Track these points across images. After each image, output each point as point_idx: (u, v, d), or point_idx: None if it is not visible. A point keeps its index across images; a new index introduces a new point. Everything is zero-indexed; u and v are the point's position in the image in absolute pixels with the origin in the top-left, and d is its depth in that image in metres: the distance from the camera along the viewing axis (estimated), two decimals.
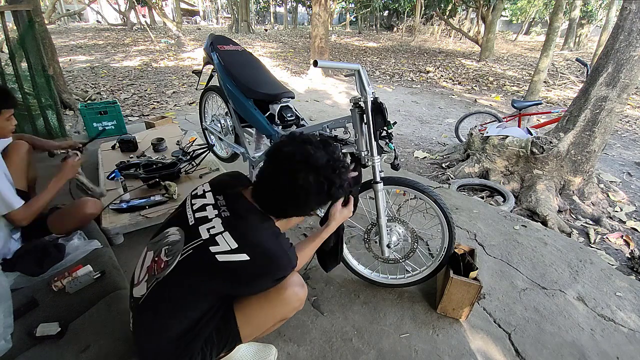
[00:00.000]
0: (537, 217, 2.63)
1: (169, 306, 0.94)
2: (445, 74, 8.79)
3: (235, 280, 0.94)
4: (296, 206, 0.96)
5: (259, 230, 0.94)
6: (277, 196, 0.94)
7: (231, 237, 0.91)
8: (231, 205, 0.97)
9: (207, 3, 30.05)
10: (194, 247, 0.92)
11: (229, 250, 0.89)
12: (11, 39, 2.77)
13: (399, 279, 1.61)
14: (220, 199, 0.99)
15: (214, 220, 0.94)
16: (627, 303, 1.70)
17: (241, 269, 0.90)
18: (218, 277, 0.92)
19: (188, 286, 0.93)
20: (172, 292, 0.94)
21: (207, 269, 0.92)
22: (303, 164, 0.89)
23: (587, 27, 15.42)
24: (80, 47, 10.80)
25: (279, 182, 0.92)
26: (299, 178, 0.89)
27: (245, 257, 0.89)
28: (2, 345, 1.19)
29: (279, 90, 1.88)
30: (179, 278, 0.93)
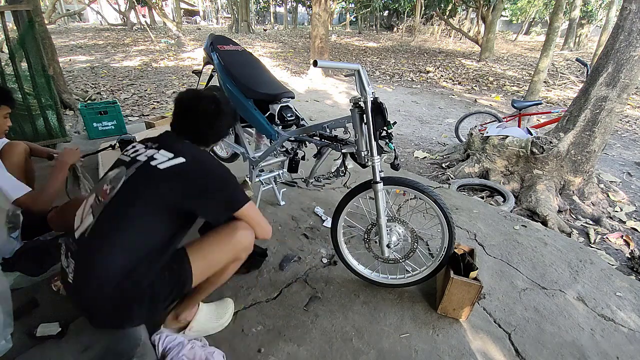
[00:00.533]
0: (537, 217, 2.63)
1: (119, 225, 1.00)
2: (445, 74, 8.79)
3: (182, 185, 1.04)
4: (216, 129, 1.23)
5: (187, 146, 1.14)
6: (202, 126, 1.19)
7: (166, 151, 1.09)
8: (159, 140, 1.16)
9: (207, 3, 30.06)
10: (137, 168, 1.06)
11: (167, 158, 1.06)
12: (11, 39, 2.77)
13: (399, 279, 1.61)
14: (148, 143, 1.16)
15: (148, 152, 1.11)
16: (627, 303, 1.70)
17: (182, 172, 1.05)
18: (165, 184, 1.03)
19: (137, 202, 1.01)
20: (124, 210, 1.01)
21: (152, 180, 1.03)
22: (210, 100, 1.20)
23: (587, 27, 15.41)
24: (80, 47, 10.80)
25: (201, 116, 1.18)
26: (209, 108, 1.19)
27: (181, 159, 1.06)
28: (2, 345, 1.19)
29: (278, 90, 1.88)
30: (128, 196, 1.02)
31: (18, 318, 1.28)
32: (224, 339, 1.35)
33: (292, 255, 1.84)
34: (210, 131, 1.23)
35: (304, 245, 1.94)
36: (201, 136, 1.22)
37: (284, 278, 1.70)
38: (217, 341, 1.32)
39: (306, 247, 1.93)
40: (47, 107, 3.10)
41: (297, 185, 2.14)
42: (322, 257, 1.85)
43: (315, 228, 2.11)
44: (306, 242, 1.98)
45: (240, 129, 2.10)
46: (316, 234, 2.05)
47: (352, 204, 1.55)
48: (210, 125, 1.22)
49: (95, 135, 3.38)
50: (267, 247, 1.89)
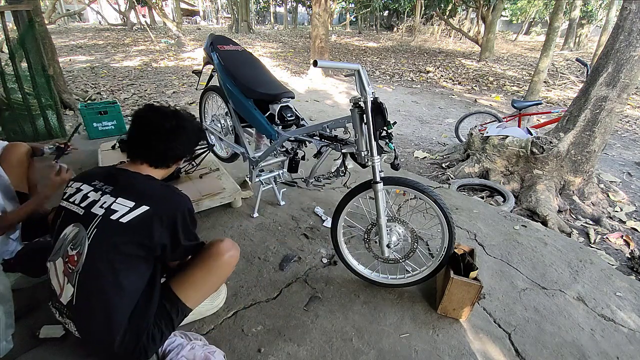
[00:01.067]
0: (537, 217, 2.63)
1: (103, 287, 0.98)
2: (445, 74, 8.79)
3: (151, 233, 0.99)
4: (172, 146, 1.15)
5: (147, 184, 1.08)
6: (155, 143, 1.11)
7: (125, 198, 1.01)
8: (111, 181, 1.07)
9: (207, 3, 30.05)
10: (96, 225, 0.99)
11: (128, 209, 0.99)
12: (11, 39, 2.77)
13: (399, 279, 1.61)
14: (96, 183, 1.07)
15: (102, 199, 1.02)
16: (627, 303, 1.70)
17: (148, 220, 0.99)
18: (132, 236, 0.98)
19: (111, 259, 0.98)
20: (99, 272, 0.98)
21: (118, 236, 0.98)
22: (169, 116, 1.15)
23: (587, 27, 15.41)
24: (80, 47, 10.80)
25: (155, 131, 1.11)
26: (166, 124, 1.12)
27: (144, 208, 1.00)
28: (4, 346, 1.19)
29: (278, 90, 1.88)
30: (99, 256, 0.97)
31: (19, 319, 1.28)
32: (224, 339, 1.35)
33: (292, 255, 1.84)
34: (168, 150, 1.14)
35: (304, 245, 1.94)
36: (157, 157, 1.14)
37: (284, 278, 1.70)
38: (217, 341, 1.32)
39: (306, 247, 1.93)
40: (47, 107, 3.10)
41: (297, 185, 2.14)
42: (322, 257, 1.85)
43: (315, 228, 2.11)
44: (306, 242, 1.98)
45: (240, 129, 2.10)
46: (316, 234, 2.05)
47: (352, 204, 1.55)
48: (166, 143, 1.13)
49: (95, 135, 3.38)
50: (267, 245, 1.89)
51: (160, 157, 1.15)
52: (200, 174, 2.34)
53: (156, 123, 1.12)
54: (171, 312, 1.09)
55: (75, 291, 0.99)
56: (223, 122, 2.25)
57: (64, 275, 1.01)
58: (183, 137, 1.17)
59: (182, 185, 2.19)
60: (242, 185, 2.37)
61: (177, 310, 1.11)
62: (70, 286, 0.99)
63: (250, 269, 1.75)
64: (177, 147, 1.16)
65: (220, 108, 2.38)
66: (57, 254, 1.03)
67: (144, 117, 1.14)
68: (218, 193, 2.11)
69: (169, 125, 1.13)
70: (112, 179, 1.07)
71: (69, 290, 1.00)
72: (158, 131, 1.11)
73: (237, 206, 2.26)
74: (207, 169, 2.41)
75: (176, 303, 1.11)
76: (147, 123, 1.13)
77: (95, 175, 1.10)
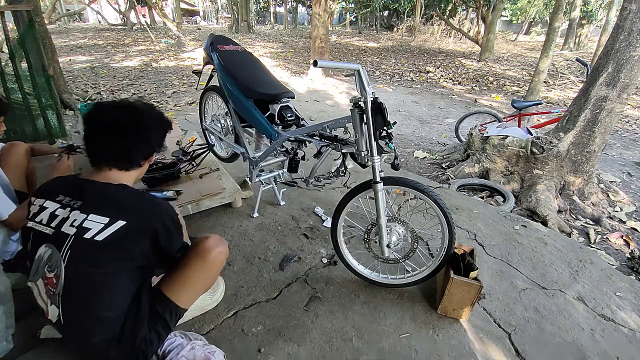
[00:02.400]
0: (537, 217, 2.63)
1: (87, 306, 0.95)
2: (445, 74, 8.79)
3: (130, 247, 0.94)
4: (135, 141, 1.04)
5: (120, 196, 0.98)
6: (115, 142, 1.01)
7: (97, 215, 0.93)
8: (78, 194, 0.98)
9: (207, 3, 30.05)
10: (70, 246, 0.92)
11: (103, 225, 0.92)
12: (11, 39, 2.77)
13: (399, 279, 1.61)
14: (62, 198, 0.98)
15: (71, 216, 0.94)
16: (627, 303, 1.70)
17: (126, 234, 0.93)
18: (111, 254, 0.93)
19: (91, 280, 0.94)
20: (80, 293, 0.95)
21: (96, 255, 0.92)
22: (122, 110, 1.04)
23: (587, 27, 15.42)
24: (80, 47, 10.80)
25: (111, 130, 1.01)
26: (120, 118, 1.02)
27: (120, 222, 0.92)
28: (4, 346, 1.19)
29: (279, 90, 1.88)
30: (77, 277, 0.93)
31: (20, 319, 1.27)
32: (224, 339, 1.36)
33: (292, 255, 1.84)
34: (131, 148, 1.03)
35: (304, 245, 1.94)
36: (122, 157, 1.04)
37: (284, 278, 1.70)
38: (217, 341, 1.32)
39: (306, 247, 1.93)
40: (47, 107, 3.10)
41: (297, 185, 2.14)
42: (322, 257, 1.85)
43: (315, 228, 2.11)
44: (306, 242, 1.98)
45: (240, 129, 2.10)
46: (316, 234, 2.05)
47: (352, 204, 1.55)
48: (127, 140, 1.02)
49: None
50: (267, 245, 1.89)
51: (126, 156, 1.04)
52: (200, 174, 2.34)
53: (110, 120, 1.01)
54: (164, 314, 1.07)
55: (60, 312, 0.96)
56: (223, 122, 2.25)
57: (47, 297, 0.98)
58: (143, 129, 1.05)
59: (182, 185, 2.19)
60: (242, 185, 2.37)
61: (170, 312, 1.08)
62: (55, 307, 0.97)
63: (250, 269, 1.75)
64: (140, 141, 1.05)
65: (220, 108, 2.38)
66: (37, 275, 0.99)
67: (95, 117, 1.02)
68: (218, 193, 2.11)
69: (124, 119, 1.02)
70: (79, 192, 0.98)
71: (54, 310, 0.97)
72: (114, 129, 1.01)
73: (237, 206, 2.26)
74: (207, 169, 2.41)
75: (168, 305, 1.07)
76: (99, 122, 1.02)
77: (57, 189, 1.01)
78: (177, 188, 2.11)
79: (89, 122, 1.03)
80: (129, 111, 1.04)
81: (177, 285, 1.09)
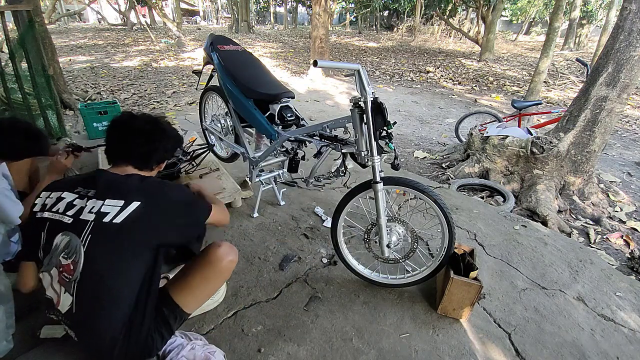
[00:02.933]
0: (537, 217, 2.63)
1: (102, 293, 0.97)
2: (445, 74, 8.79)
3: (147, 228, 0.99)
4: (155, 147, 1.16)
5: (129, 181, 1.05)
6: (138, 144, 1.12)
7: (113, 199, 0.98)
8: (90, 184, 1.04)
9: (207, 3, 30.04)
10: (90, 231, 0.96)
11: (119, 208, 0.97)
12: (11, 39, 2.77)
13: (399, 279, 1.61)
14: (79, 189, 1.04)
15: (88, 204, 0.99)
16: (627, 303, 1.70)
17: (143, 215, 0.98)
18: (129, 235, 0.97)
19: (111, 262, 0.97)
20: (99, 278, 0.97)
21: (116, 238, 0.96)
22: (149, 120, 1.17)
23: (587, 27, 15.42)
24: (80, 47, 10.80)
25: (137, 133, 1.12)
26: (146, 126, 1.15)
27: (135, 204, 0.98)
28: (4, 346, 1.19)
29: (279, 90, 1.88)
30: (98, 261, 0.96)
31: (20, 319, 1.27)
32: (224, 339, 1.36)
33: (292, 255, 1.84)
34: (151, 151, 1.16)
35: (304, 245, 1.94)
36: (141, 157, 1.15)
37: (284, 278, 1.70)
38: (217, 341, 1.32)
39: (306, 247, 1.93)
40: (47, 107, 3.10)
41: (297, 185, 2.13)
42: (322, 257, 1.85)
43: (315, 228, 2.11)
44: (306, 242, 1.98)
45: (240, 129, 2.10)
46: (316, 234, 2.05)
47: (352, 204, 1.55)
48: (149, 144, 1.15)
49: (95, 135, 3.38)
50: (267, 245, 1.89)
51: (146, 158, 1.16)
52: (200, 174, 2.34)
53: (138, 126, 1.15)
54: (169, 317, 1.09)
55: (74, 299, 0.97)
56: (223, 122, 2.25)
57: (59, 285, 0.99)
58: (164, 139, 1.19)
59: None
60: (242, 185, 2.38)
61: (176, 316, 1.11)
62: (69, 295, 0.98)
63: (250, 269, 1.75)
64: (160, 148, 1.18)
65: (220, 108, 2.38)
66: (50, 265, 1.00)
67: (127, 122, 1.16)
68: (218, 193, 2.11)
69: (150, 127, 1.16)
70: (91, 181, 1.05)
71: (67, 299, 0.98)
72: (140, 133, 1.14)
73: (237, 206, 2.26)
74: (207, 169, 2.41)
75: (174, 309, 1.11)
76: (128, 126, 1.14)
77: (74, 182, 1.08)
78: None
79: (120, 125, 1.15)
80: (154, 122, 1.18)
81: (185, 290, 1.13)
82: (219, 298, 1.51)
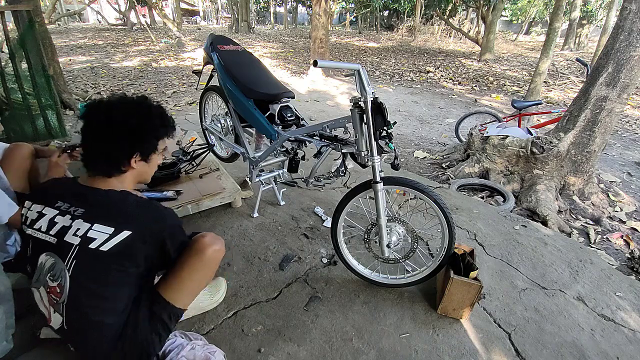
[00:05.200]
0: (537, 217, 2.63)
1: (91, 314, 0.95)
2: (445, 74, 8.79)
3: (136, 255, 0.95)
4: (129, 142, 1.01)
5: (122, 204, 0.97)
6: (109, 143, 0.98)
7: (102, 225, 0.93)
8: (80, 202, 0.97)
9: (207, 3, 30.04)
10: (75, 256, 0.91)
11: (108, 236, 0.91)
12: (11, 39, 2.77)
13: (399, 279, 1.61)
14: (61, 205, 0.97)
15: (74, 225, 0.93)
16: (627, 303, 1.70)
17: (133, 243, 0.93)
18: (117, 263, 0.93)
19: (96, 289, 0.95)
20: (85, 303, 0.95)
21: (102, 264, 0.93)
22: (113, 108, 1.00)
23: (587, 27, 15.43)
24: (80, 47, 10.80)
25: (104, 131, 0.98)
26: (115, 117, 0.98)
27: (126, 233, 0.92)
28: (4, 346, 1.19)
29: (279, 90, 1.87)
30: (83, 287, 0.94)
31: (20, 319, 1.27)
32: (224, 338, 1.36)
33: (292, 255, 1.84)
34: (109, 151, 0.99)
35: (304, 245, 1.94)
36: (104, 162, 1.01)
37: (284, 278, 1.70)
38: (217, 341, 1.32)
39: (306, 247, 1.93)
40: (47, 107, 3.09)
41: (297, 185, 2.14)
42: (322, 257, 1.85)
43: (315, 228, 2.11)
44: (306, 242, 1.98)
45: (240, 129, 2.10)
46: (316, 234, 2.05)
47: (352, 204, 1.55)
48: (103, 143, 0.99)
49: None
50: (267, 246, 1.89)
51: (106, 161, 1.01)
52: (200, 174, 2.34)
53: (89, 124, 1.01)
54: (163, 316, 1.07)
55: (64, 319, 0.97)
56: (223, 122, 2.25)
57: (49, 305, 0.99)
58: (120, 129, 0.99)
59: (182, 185, 2.19)
60: (242, 185, 2.37)
61: (169, 314, 1.08)
62: (58, 315, 0.97)
63: (250, 269, 1.75)
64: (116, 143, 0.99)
65: (220, 108, 2.38)
66: (39, 282, 0.99)
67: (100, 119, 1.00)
68: (218, 193, 2.11)
69: (135, 121, 1.00)
70: (80, 199, 0.97)
71: (58, 318, 0.98)
72: (92, 133, 1.00)
73: (237, 206, 2.26)
74: (207, 169, 2.41)
75: (165, 306, 1.07)
76: (83, 126, 1.01)
77: (56, 194, 1.00)
78: (177, 188, 2.11)
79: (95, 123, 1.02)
80: (137, 113, 1.01)
81: (174, 286, 1.08)
82: (219, 298, 1.50)
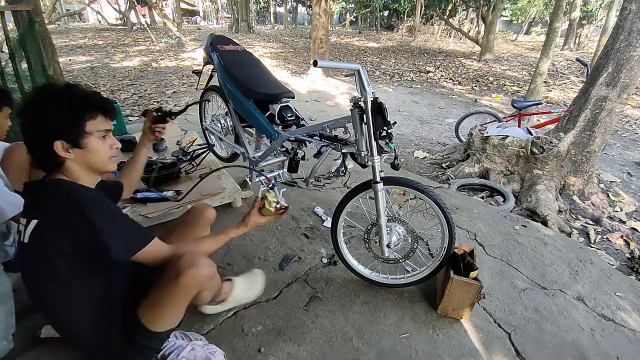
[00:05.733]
0: (537, 217, 2.63)
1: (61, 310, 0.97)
2: (445, 74, 8.78)
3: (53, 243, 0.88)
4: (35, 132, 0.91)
5: (41, 193, 0.93)
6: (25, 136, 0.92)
7: (24, 217, 0.92)
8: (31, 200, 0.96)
9: (207, 3, 30.03)
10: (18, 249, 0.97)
11: (24, 227, 0.90)
12: (11, 39, 2.77)
13: (399, 279, 1.61)
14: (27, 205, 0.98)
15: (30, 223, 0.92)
16: (627, 303, 1.70)
17: (40, 231, 0.88)
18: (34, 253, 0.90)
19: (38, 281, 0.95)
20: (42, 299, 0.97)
21: (27, 257, 0.93)
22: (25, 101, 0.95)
23: (587, 27, 15.44)
24: (80, 47, 10.80)
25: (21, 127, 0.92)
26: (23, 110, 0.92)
27: (34, 222, 0.88)
28: (4, 346, 1.19)
29: (279, 90, 1.88)
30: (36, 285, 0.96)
31: (20, 319, 1.28)
32: (224, 338, 1.36)
33: (292, 255, 1.84)
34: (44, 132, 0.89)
35: (304, 245, 1.94)
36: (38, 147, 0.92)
37: (284, 278, 1.70)
38: (217, 341, 1.32)
39: (306, 247, 1.93)
40: None
41: (297, 185, 2.13)
42: (322, 257, 1.85)
43: (315, 228, 2.11)
44: (306, 242, 1.98)
45: (240, 129, 2.10)
46: (316, 234, 2.05)
47: (352, 204, 1.55)
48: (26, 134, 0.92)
49: None
50: (267, 245, 1.89)
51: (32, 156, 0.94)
52: (200, 174, 2.33)
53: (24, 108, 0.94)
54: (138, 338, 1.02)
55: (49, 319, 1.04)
56: (223, 122, 2.25)
57: None
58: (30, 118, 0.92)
59: (182, 185, 2.19)
60: (242, 185, 2.37)
61: (144, 336, 1.02)
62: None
63: (250, 269, 1.74)
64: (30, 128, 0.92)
65: (220, 108, 2.38)
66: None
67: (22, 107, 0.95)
68: (218, 193, 2.11)
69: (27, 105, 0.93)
70: (34, 197, 0.96)
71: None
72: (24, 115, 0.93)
73: (237, 206, 2.26)
74: (207, 169, 2.41)
75: (141, 329, 1.00)
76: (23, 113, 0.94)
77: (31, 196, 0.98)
78: (177, 188, 2.10)
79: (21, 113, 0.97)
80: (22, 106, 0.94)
81: (148, 307, 1.02)
82: (257, 292, 1.47)
